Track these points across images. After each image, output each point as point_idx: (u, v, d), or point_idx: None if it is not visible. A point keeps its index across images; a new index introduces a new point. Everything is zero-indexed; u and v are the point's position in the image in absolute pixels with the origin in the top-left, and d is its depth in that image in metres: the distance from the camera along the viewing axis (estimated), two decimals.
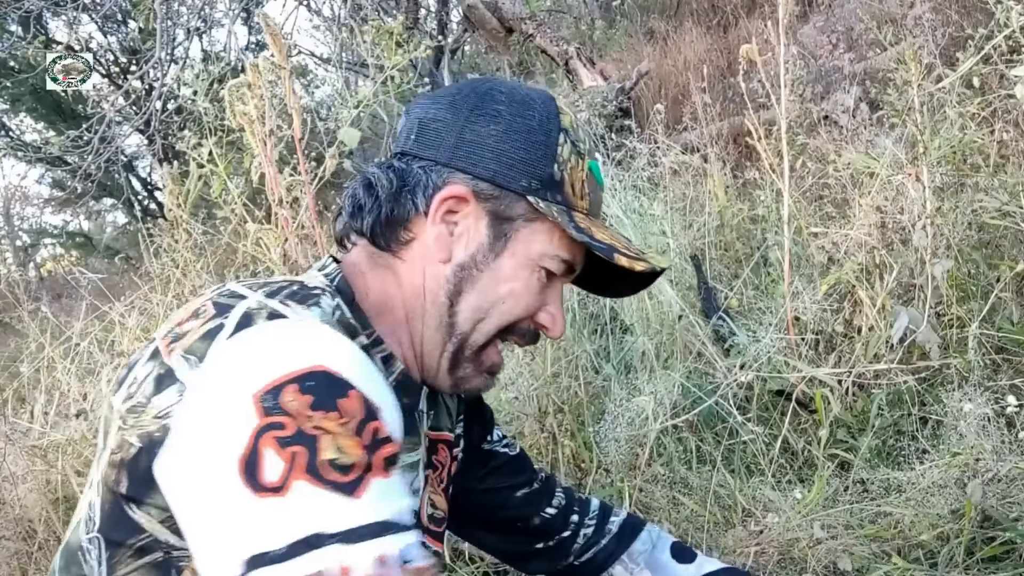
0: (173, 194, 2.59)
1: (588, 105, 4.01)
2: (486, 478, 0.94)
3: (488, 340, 0.73)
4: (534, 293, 0.73)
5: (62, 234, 12.72)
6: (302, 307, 0.62)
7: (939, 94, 2.31)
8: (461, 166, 0.70)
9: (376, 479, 0.54)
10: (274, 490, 0.51)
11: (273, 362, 0.55)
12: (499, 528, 0.97)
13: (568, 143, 0.72)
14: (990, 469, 1.46)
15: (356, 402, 0.55)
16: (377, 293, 0.73)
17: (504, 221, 0.71)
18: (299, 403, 0.53)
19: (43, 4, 5.59)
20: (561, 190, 0.71)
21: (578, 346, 2.11)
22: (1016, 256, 2.00)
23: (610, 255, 0.70)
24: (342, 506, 0.52)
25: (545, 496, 0.97)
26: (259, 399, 0.53)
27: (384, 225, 0.71)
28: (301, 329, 0.59)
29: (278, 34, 1.87)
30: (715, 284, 2.39)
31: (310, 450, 0.52)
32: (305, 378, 0.54)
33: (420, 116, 0.73)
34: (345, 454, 0.53)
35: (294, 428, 0.52)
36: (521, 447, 1.00)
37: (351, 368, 0.57)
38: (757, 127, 2.02)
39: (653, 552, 0.97)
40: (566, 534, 0.97)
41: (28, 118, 10.71)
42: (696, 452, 1.89)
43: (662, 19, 6.78)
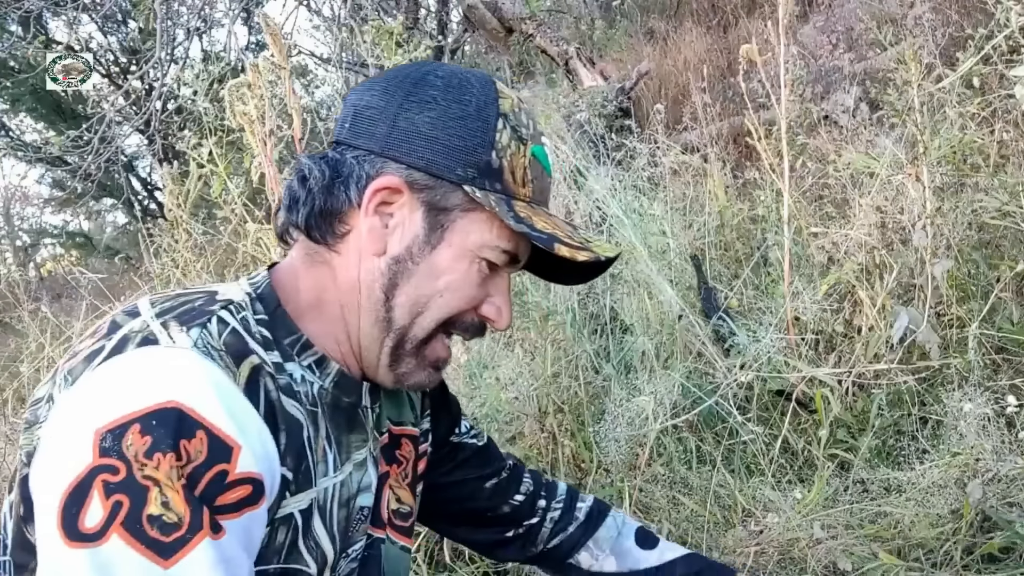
0: (173, 194, 2.59)
1: (588, 105, 4.01)
2: (454, 471, 0.93)
3: (429, 334, 0.71)
4: (474, 285, 0.71)
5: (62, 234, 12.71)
6: (181, 330, 0.60)
7: (939, 94, 2.31)
8: (394, 155, 0.67)
9: (203, 542, 0.52)
10: (89, 539, 0.50)
11: (123, 396, 0.54)
12: (469, 520, 0.96)
13: (508, 129, 0.69)
14: (990, 469, 1.46)
15: (202, 443, 0.54)
16: (310, 292, 0.71)
17: (440, 212, 0.68)
18: (137, 447, 0.51)
19: (43, 4, 5.59)
20: (500, 178, 0.68)
21: (578, 346, 2.11)
22: (1016, 256, 2.00)
23: (550, 245, 0.67)
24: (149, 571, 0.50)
25: (513, 484, 0.96)
26: (99, 436, 0.52)
27: (318, 218, 0.69)
28: (164, 360, 0.57)
29: (278, 34, 1.87)
30: (715, 284, 2.39)
31: (135, 502, 0.51)
32: (151, 416, 0.52)
33: (355, 103, 0.71)
34: (170, 511, 0.52)
35: (124, 474, 0.51)
36: (488, 436, 0.99)
37: (206, 403, 0.55)
38: (757, 127, 2.02)
39: (618, 539, 0.97)
40: (534, 520, 0.96)
41: (28, 118, 10.71)
42: (696, 452, 1.89)
43: (662, 19, 6.78)
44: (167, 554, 0.51)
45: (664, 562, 0.96)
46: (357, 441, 0.73)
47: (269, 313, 0.68)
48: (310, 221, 0.69)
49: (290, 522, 0.64)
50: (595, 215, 2.44)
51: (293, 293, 0.71)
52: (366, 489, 0.74)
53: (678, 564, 0.95)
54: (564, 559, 0.97)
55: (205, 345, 0.59)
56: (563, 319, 2.11)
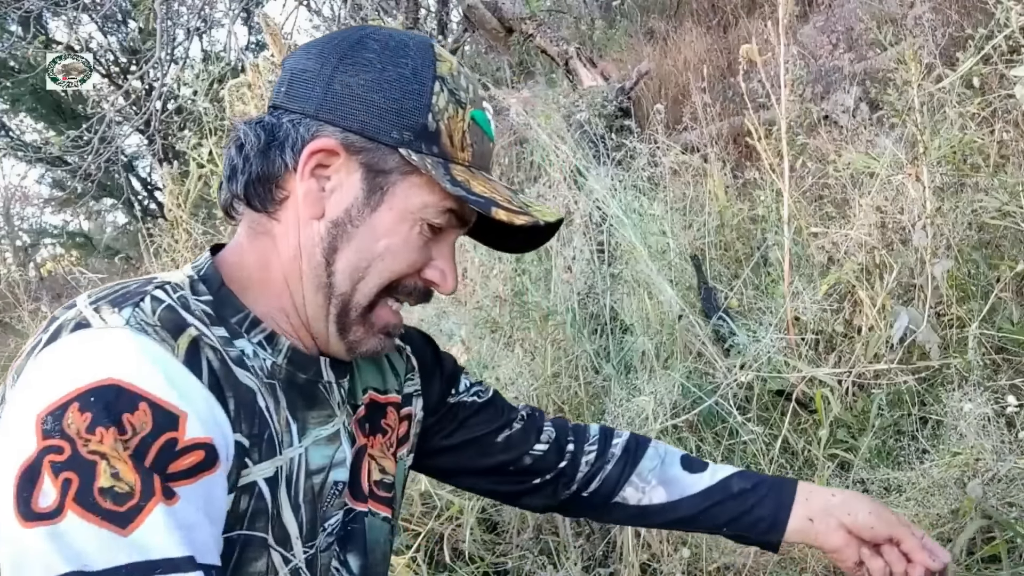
0: (173, 194, 2.60)
1: (588, 105, 4.01)
2: (457, 432, 0.91)
3: (372, 300, 0.70)
4: (415, 248, 0.69)
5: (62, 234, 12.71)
6: (112, 311, 0.59)
7: (939, 94, 2.31)
8: (329, 118, 0.66)
9: (157, 507, 0.52)
10: (46, 518, 0.50)
11: (60, 379, 0.54)
12: (490, 473, 0.93)
13: (445, 92, 0.68)
14: (990, 469, 1.46)
15: (145, 414, 0.53)
16: (254, 266, 0.70)
17: (379, 174, 0.67)
18: (78, 424, 0.51)
19: (43, 4, 5.59)
20: (437, 141, 0.68)
21: (578, 346, 2.11)
22: (1016, 256, 2.00)
23: (487, 209, 0.66)
24: (109, 542, 0.50)
25: (531, 434, 0.92)
26: (41, 420, 0.52)
27: (256, 184, 0.68)
28: (97, 339, 0.57)
29: (278, 34, 1.87)
30: (715, 284, 2.39)
31: (84, 477, 0.51)
32: (89, 394, 0.52)
33: (292, 67, 0.70)
34: (120, 481, 0.52)
35: (70, 452, 0.51)
36: (495, 390, 0.96)
37: (144, 376, 0.55)
38: (757, 127, 2.02)
39: (663, 467, 0.92)
40: (563, 464, 0.92)
41: (28, 118, 10.71)
42: (696, 452, 1.89)
43: (662, 19, 6.78)
44: (123, 523, 0.51)
45: (717, 481, 0.90)
46: (320, 417, 0.72)
47: (213, 293, 0.67)
48: (248, 189, 0.69)
49: (253, 490, 0.63)
50: (595, 215, 2.44)
51: (239, 270, 0.70)
52: (340, 464, 0.73)
53: (733, 480, 0.89)
54: (608, 499, 0.93)
55: (139, 322, 0.58)
56: (563, 319, 2.11)
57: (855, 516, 0.83)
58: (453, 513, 1.83)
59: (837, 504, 0.84)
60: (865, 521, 0.83)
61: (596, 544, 1.82)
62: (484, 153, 0.73)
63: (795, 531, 0.85)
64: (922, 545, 0.83)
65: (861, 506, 0.84)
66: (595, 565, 1.77)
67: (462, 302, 2.28)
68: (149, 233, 3.06)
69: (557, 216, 0.72)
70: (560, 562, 1.76)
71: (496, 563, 1.81)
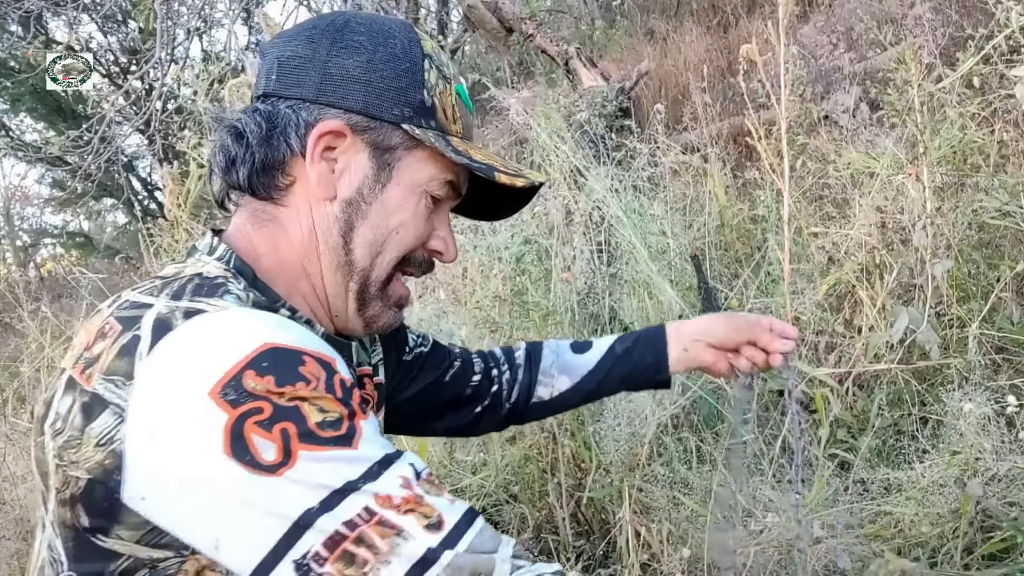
0: (173, 194, 2.60)
1: (588, 105, 4.01)
2: (413, 382, 0.96)
3: (389, 273, 0.73)
4: (423, 220, 0.72)
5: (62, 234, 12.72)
6: (215, 298, 0.60)
7: (939, 94, 2.31)
8: (330, 101, 0.68)
9: (362, 423, 0.57)
10: (280, 466, 0.52)
11: (215, 357, 0.54)
12: (443, 410, 1.00)
13: (434, 68, 0.71)
14: (990, 468, 1.46)
15: (314, 365, 0.56)
16: (268, 254, 0.71)
17: (385, 151, 0.69)
18: (263, 384, 0.53)
19: (43, 4, 5.59)
20: (434, 115, 0.70)
21: None
22: (1016, 256, 2.00)
23: (491, 174, 0.70)
24: (349, 455, 0.55)
25: (468, 367, 1.00)
26: (218, 396, 0.53)
27: (260, 173, 0.69)
28: (226, 318, 0.58)
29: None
30: (715, 284, 2.39)
31: (296, 421, 0.54)
32: (258, 360, 0.54)
33: (278, 55, 0.70)
34: (328, 412, 0.55)
35: (271, 409, 0.53)
36: (432, 337, 1.02)
37: (292, 337, 0.57)
38: (757, 127, 2.02)
39: (559, 358, 1.02)
40: (494, 388, 1.01)
41: (28, 118, 10.72)
42: (696, 452, 1.89)
43: (662, 19, 6.78)
44: (348, 442, 0.55)
45: (604, 352, 1.01)
46: None
47: (252, 284, 0.67)
48: (252, 177, 0.69)
49: None
50: (595, 215, 2.44)
51: (255, 259, 0.70)
52: None
53: (615, 345, 1.01)
54: (527, 403, 1.02)
55: (242, 305, 0.61)
56: (563, 319, 2.11)
57: (716, 334, 0.99)
58: None
59: (701, 330, 1.00)
60: (725, 335, 0.98)
61: (596, 544, 1.82)
62: (469, 125, 0.76)
63: (676, 362, 1.01)
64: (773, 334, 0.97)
65: (719, 324, 0.99)
66: (595, 565, 1.77)
67: (462, 302, 2.28)
68: (149, 233, 3.05)
69: (544, 178, 0.76)
70: (560, 562, 1.77)
71: None
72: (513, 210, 0.85)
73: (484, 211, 0.84)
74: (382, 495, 0.55)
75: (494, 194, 0.77)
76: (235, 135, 0.69)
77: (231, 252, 0.69)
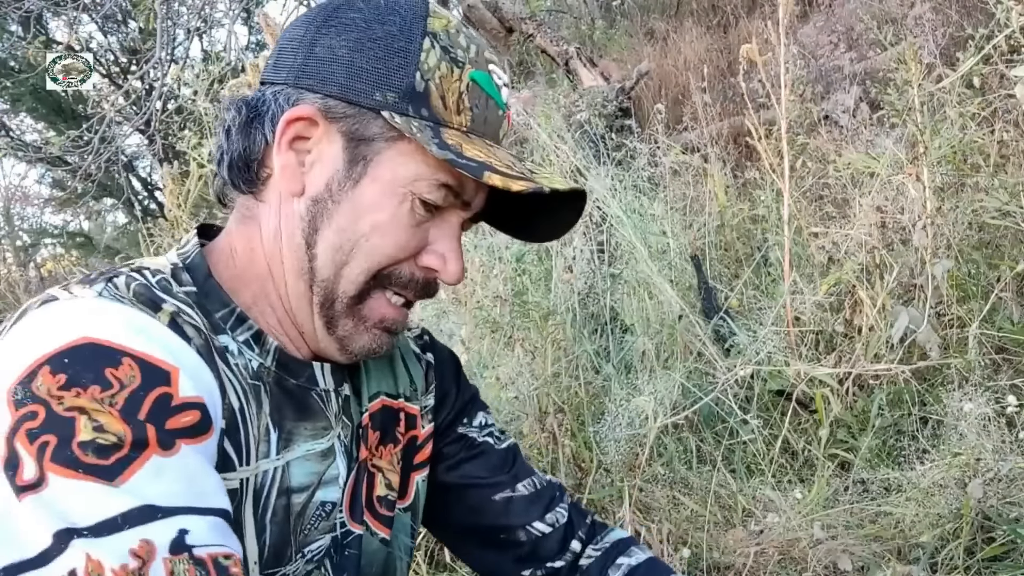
0: (173, 194, 2.60)
1: (588, 105, 4.01)
2: (453, 469, 0.79)
3: (360, 289, 0.62)
4: (406, 227, 0.61)
5: (62, 234, 12.70)
6: (87, 286, 0.54)
7: (939, 94, 2.31)
8: (309, 84, 0.59)
9: (152, 457, 0.47)
10: (31, 487, 0.44)
11: (26, 350, 0.48)
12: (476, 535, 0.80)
13: (437, 49, 0.60)
14: (990, 469, 1.46)
15: (132, 368, 0.48)
16: (242, 254, 0.63)
17: (360, 142, 0.59)
18: (49, 385, 0.46)
19: (43, 4, 5.59)
20: (427, 102, 0.59)
21: (578, 346, 2.11)
22: (1016, 256, 2.00)
23: (479, 174, 0.56)
24: (98, 495, 0.45)
25: (536, 507, 0.79)
26: (11, 393, 0.46)
27: (239, 165, 0.62)
28: (65, 308, 0.51)
29: (278, 34, 1.87)
30: (715, 284, 2.39)
31: (62, 436, 0.45)
32: (61, 355, 0.47)
33: (282, 38, 0.64)
34: (106, 433, 0.46)
35: (44, 414, 0.46)
36: (516, 445, 0.84)
37: (125, 334, 0.49)
38: (757, 127, 2.02)
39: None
40: (559, 564, 0.79)
41: (28, 118, 10.70)
42: (696, 452, 1.89)
43: (662, 19, 6.78)
44: (110, 476, 0.45)
45: None
46: (313, 430, 0.64)
47: (198, 284, 0.60)
48: (232, 169, 0.62)
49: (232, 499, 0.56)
50: (595, 215, 2.44)
51: (227, 259, 0.64)
52: (330, 482, 0.65)
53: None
54: None
55: (112, 295, 0.53)
56: (563, 319, 2.11)
57: None
58: None
59: None
60: None
61: None
62: (489, 120, 0.63)
63: None
64: None
65: None
66: None
67: (462, 302, 2.28)
68: (149, 233, 3.05)
69: (567, 185, 0.61)
70: None
71: None
72: (558, 230, 0.70)
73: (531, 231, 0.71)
74: (94, 559, 0.43)
75: (532, 208, 0.65)
76: (223, 126, 0.64)
77: (198, 249, 0.63)
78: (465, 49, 0.62)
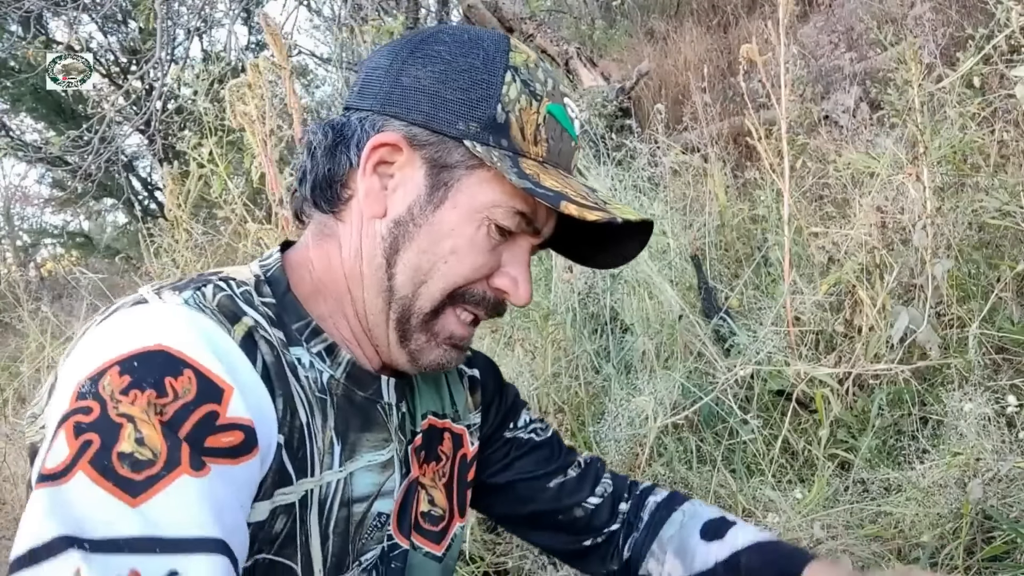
0: (173, 194, 2.60)
1: (588, 105, 4.01)
2: (504, 471, 0.85)
3: (436, 306, 0.65)
4: (482, 251, 0.64)
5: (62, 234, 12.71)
6: (173, 293, 0.57)
7: (939, 94, 2.31)
8: (395, 112, 0.63)
9: (180, 477, 0.48)
10: (53, 478, 0.46)
11: (107, 348, 0.51)
12: (540, 524, 0.86)
13: (517, 82, 0.63)
14: (990, 469, 1.46)
15: (190, 381, 0.50)
16: (320, 269, 0.67)
17: (443, 169, 0.63)
18: (114, 386, 0.49)
19: (43, 4, 5.59)
20: (507, 133, 0.63)
21: (578, 346, 2.11)
22: (1016, 256, 2.00)
23: (556, 203, 0.60)
24: (115, 511, 0.45)
25: (586, 484, 0.86)
26: (80, 385, 0.49)
27: (323, 185, 0.66)
28: (150, 313, 0.54)
29: (278, 34, 1.87)
30: (715, 284, 2.39)
31: (105, 439, 0.47)
32: (132, 359, 0.50)
33: (367, 67, 0.67)
34: (144, 447, 0.47)
35: (98, 414, 0.48)
36: (554, 431, 0.89)
37: (196, 345, 0.52)
38: (757, 127, 2.02)
39: (680, 534, 0.83)
40: (614, 527, 0.85)
41: (28, 118, 10.71)
42: (696, 452, 1.89)
43: (662, 19, 6.78)
44: (135, 491, 0.46)
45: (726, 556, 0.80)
46: (375, 441, 0.68)
47: (278, 297, 0.64)
48: (315, 189, 0.66)
49: (291, 512, 0.60)
50: None
51: (305, 274, 0.67)
52: (387, 494, 0.69)
53: (742, 555, 0.80)
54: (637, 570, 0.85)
55: (197, 303, 0.57)
56: (563, 319, 2.11)
57: None
58: None
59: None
60: None
61: None
62: (563, 151, 0.67)
63: None
64: None
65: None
66: None
67: None
68: (149, 233, 3.06)
69: (639, 215, 0.65)
70: (560, 562, 1.76)
71: (496, 563, 1.81)
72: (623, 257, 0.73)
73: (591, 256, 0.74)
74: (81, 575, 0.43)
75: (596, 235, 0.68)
76: (308, 147, 0.67)
77: (279, 262, 0.67)
78: (543, 83, 0.65)
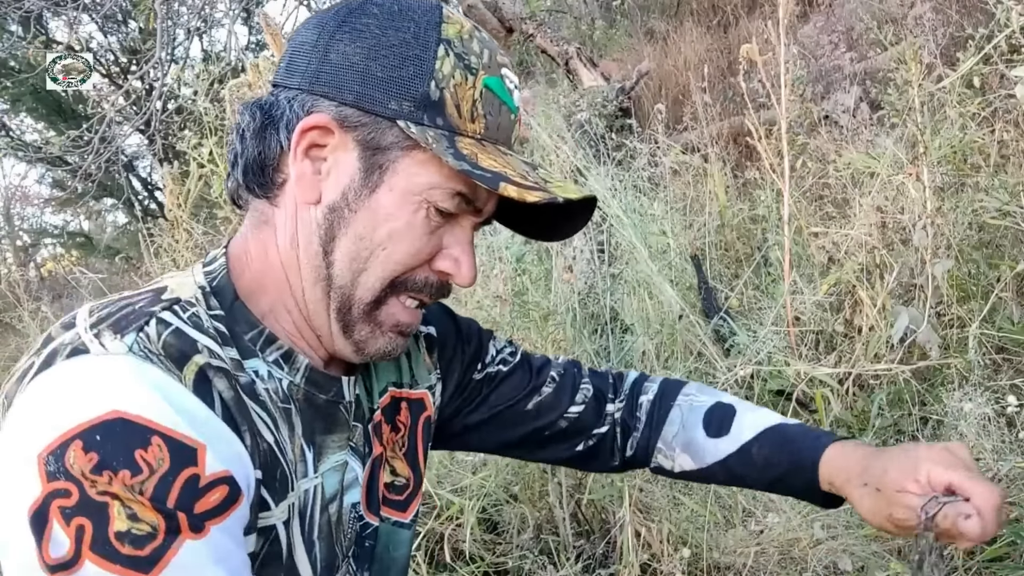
0: (173, 194, 2.60)
1: (588, 105, 4.01)
2: (482, 406, 0.84)
3: (377, 295, 0.63)
4: (422, 235, 0.62)
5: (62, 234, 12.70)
6: (114, 337, 0.53)
7: (939, 94, 2.31)
8: (324, 91, 0.60)
9: (185, 543, 0.49)
10: (64, 568, 0.46)
11: (59, 414, 0.49)
12: (528, 442, 0.86)
13: (451, 56, 0.60)
14: (990, 468, 1.46)
15: (160, 450, 0.49)
16: (257, 260, 0.64)
17: (376, 151, 0.60)
18: (82, 463, 0.47)
19: (43, 4, 5.59)
20: (442, 111, 0.60)
21: (578, 346, 2.11)
22: (1016, 256, 2.00)
23: (495, 184, 0.57)
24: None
25: (564, 395, 0.85)
26: (43, 461, 0.47)
27: (255, 169, 0.63)
28: (95, 370, 0.51)
29: (278, 34, 1.87)
30: (715, 284, 2.39)
31: (97, 522, 0.47)
32: (93, 431, 0.48)
33: (292, 41, 0.64)
34: (140, 523, 0.47)
35: (78, 496, 0.47)
36: (523, 352, 0.88)
37: (152, 407, 0.50)
38: (757, 127, 2.02)
39: (683, 432, 0.85)
40: (604, 429, 0.86)
41: (28, 118, 10.71)
42: None
43: (662, 19, 6.78)
44: (146, 568, 0.47)
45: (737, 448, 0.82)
46: (340, 441, 0.67)
47: (226, 308, 0.61)
48: (247, 173, 0.63)
49: (269, 533, 0.59)
50: (595, 215, 2.44)
51: (245, 267, 0.65)
52: (352, 485, 0.68)
53: (752, 446, 0.81)
54: (647, 464, 0.87)
55: (142, 349, 0.53)
56: (563, 319, 2.11)
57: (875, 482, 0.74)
58: (453, 513, 1.83)
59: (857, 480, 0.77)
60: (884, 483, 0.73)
61: (596, 544, 1.82)
62: (502, 126, 0.64)
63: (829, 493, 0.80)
64: None
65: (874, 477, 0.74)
66: (595, 565, 1.77)
67: (462, 302, 2.28)
68: (149, 233, 3.06)
69: (581, 194, 0.62)
70: (560, 562, 1.76)
71: (496, 563, 1.81)
72: (569, 229, 0.72)
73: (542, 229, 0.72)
74: None
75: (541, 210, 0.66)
76: (237, 129, 0.64)
77: (224, 270, 0.64)
78: (479, 55, 0.62)
